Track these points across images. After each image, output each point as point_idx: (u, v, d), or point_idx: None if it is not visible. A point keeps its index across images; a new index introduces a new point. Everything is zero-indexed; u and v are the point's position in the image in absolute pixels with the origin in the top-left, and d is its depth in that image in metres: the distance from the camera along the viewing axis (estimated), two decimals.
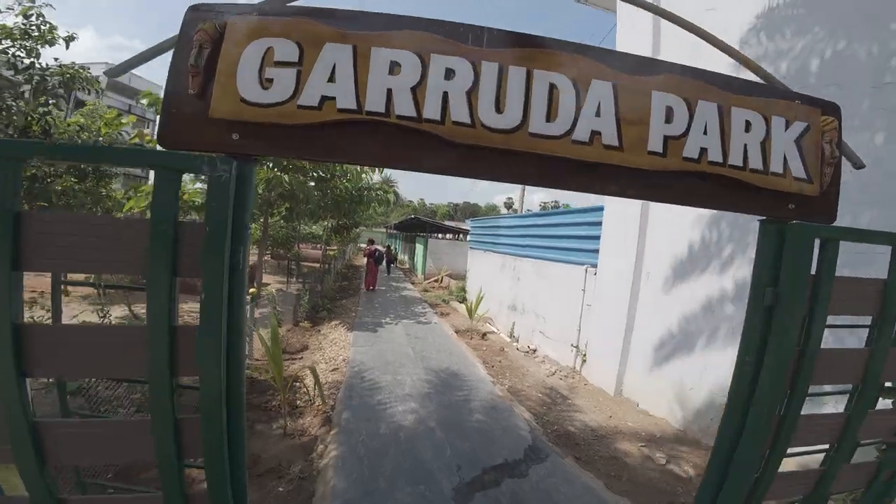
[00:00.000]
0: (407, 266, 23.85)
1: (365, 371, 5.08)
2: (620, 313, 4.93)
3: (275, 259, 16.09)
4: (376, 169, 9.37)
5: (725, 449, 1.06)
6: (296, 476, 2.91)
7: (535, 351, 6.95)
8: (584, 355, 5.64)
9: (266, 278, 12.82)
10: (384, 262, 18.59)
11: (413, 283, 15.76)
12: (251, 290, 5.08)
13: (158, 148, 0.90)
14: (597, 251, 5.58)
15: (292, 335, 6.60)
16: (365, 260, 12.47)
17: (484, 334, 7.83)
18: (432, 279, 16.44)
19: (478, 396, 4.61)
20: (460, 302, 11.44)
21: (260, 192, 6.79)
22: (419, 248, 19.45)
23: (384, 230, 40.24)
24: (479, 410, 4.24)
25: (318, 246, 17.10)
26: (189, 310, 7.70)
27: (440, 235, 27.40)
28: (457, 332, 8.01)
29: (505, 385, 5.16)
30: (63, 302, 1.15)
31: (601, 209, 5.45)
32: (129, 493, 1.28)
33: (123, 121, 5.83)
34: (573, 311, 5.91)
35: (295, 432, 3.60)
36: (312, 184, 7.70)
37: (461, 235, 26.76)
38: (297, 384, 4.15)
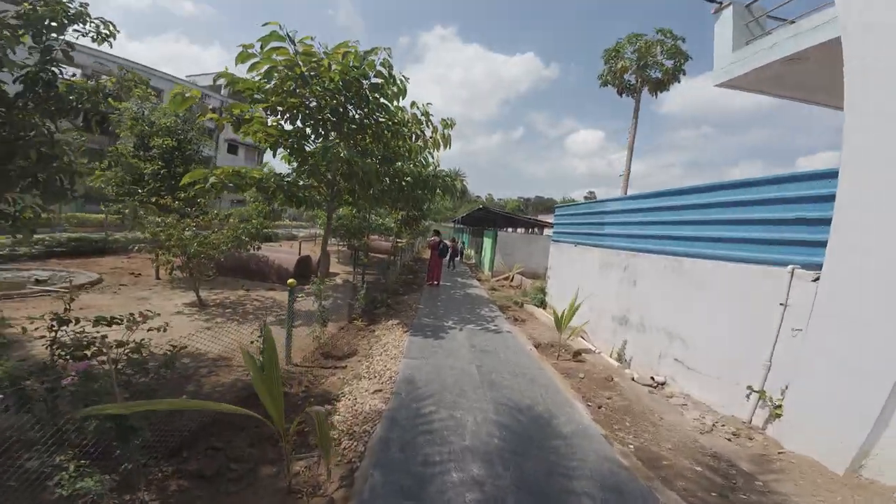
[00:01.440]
0: (473, 261, 22.41)
1: (414, 398, 3.70)
2: (886, 347, 2.61)
3: (350, 249, 16.19)
4: (443, 150, 8.03)
5: None
6: None
7: (663, 384, 4.76)
8: (777, 406, 3.37)
9: (337, 268, 12.67)
10: (448, 256, 17.52)
11: (479, 281, 14.20)
12: (289, 281, 4.07)
13: None
14: (807, 243, 3.27)
15: (343, 335, 5.62)
16: (429, 252, 11.34)
17: (577, 353, 5.85)
18: (501, 277, 14.65)
19: (586, 466, 2.84)
20: (538, 305, 9.49)
21: (322, 163, 5.99)
22: (487, 242, 17.78)
23: (452, 225, 39.56)
24: (592, 497, 2.48)
25: (390, 238, 16.76)
26: (256, 297, 7.16)
27: (510, 229, 25.33)
28: (537, 345, 6.19)
29: (629, 444, 3.26)
30: None
31: (834, 174, 3.09)
32: None
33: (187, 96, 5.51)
34: (755, 334, 3.65)
35: (303, 488, 2.37)
36: (369, 160, 6.67)
37: (536, 229, 24.29)
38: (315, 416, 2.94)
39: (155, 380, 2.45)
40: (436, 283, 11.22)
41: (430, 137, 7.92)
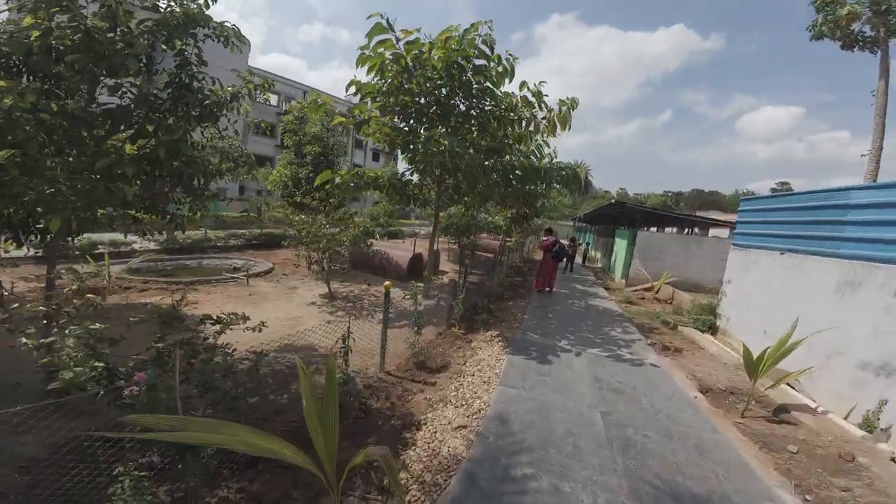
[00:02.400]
0: (598, 265, 19.20)
1: (505, 447, 2.82)
2: None
3: (461, 248, 16.33)
4: (560, 131, 6.67)
5: None
6: None
7: None
8: None
9: (447, 266, 12.82)
10: (565, 259, 15.41)
11: (608, 290, 11.76)
12: (386, 283, 3.84)
13: None
14: None
15: (440, 343, 5.19)
16: (542, 254, 9.99)
17: (781, 409, 3.72)
18: (641, 287, 11.77)
19: None
20: (702, 330, 6.94)
21: (419, 154, 5.80)
22: (620, 243, 14.76)
23: (571, 223, 35.54)
24: None
25: (499, 237, 16.07)
26: (374, 292, 7.45)
27: (654, 228, 20.57)
28: (705, 391, 4.29)
29: None
30: None
31: None
32: None
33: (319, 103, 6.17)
34: None
35: None
36: (472, 151, 6.05)
37: (696, 228, 18.98)
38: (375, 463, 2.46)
39: (235, 388, 2.31)
40: (548, 289, 9.78)
41: (544, 119, 6.68)
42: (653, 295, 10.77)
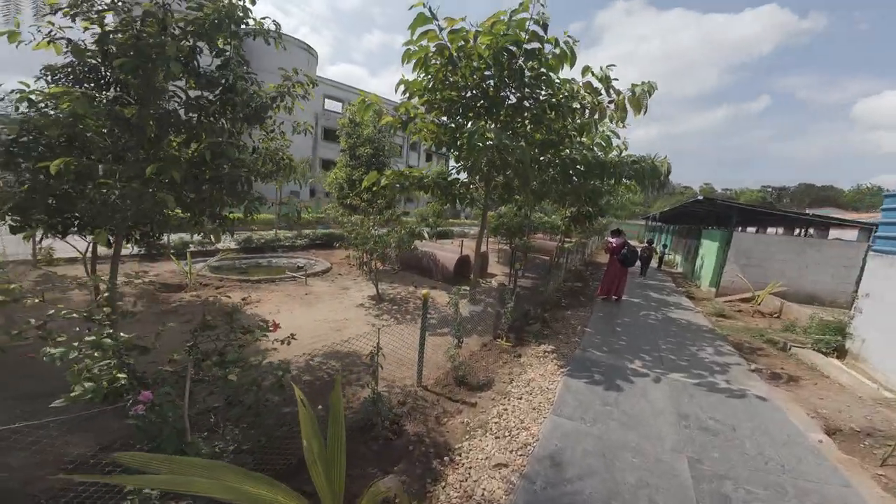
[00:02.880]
0: (678, 270, 16.71)
1: (556, 497, 2.27)
2: None
3: (512, 249, 15.56)
4: (638, 115, 5.71)
5: None
6: None
7: None
8: None
9: (496, 268, 12.22)
10: (639, 262, 13.64)
11: (692, 299, 10.03)
12: (423, 292, 3.53)
13: None
14: None
15: (484, 355, 4.73)
16: (608, 257, 8.84)
17: None
18: (737, 296, 9.83)
19: None
20: (826, 353, 5.40)
21: (464, 151, 5.43)
22: (708, 245, 12.61)
23: (643, 223, 31.82)
24: None
25: (556, 237, 14.93)
26: (420, 295, 7.32)
27: (753, 229, 17.28)
28: (832, 432, 3.20)
29: None
30: None
31: None
32: None
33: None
34: None
35: None
36: (522, 143, 5.46)
37: (810, 230, 15.52)
38: None
39: (258, 403, 2.15)
40: (615, 297, 8.61)
41: (611, 104, 5.78)
42: (753, 307, 8.87)
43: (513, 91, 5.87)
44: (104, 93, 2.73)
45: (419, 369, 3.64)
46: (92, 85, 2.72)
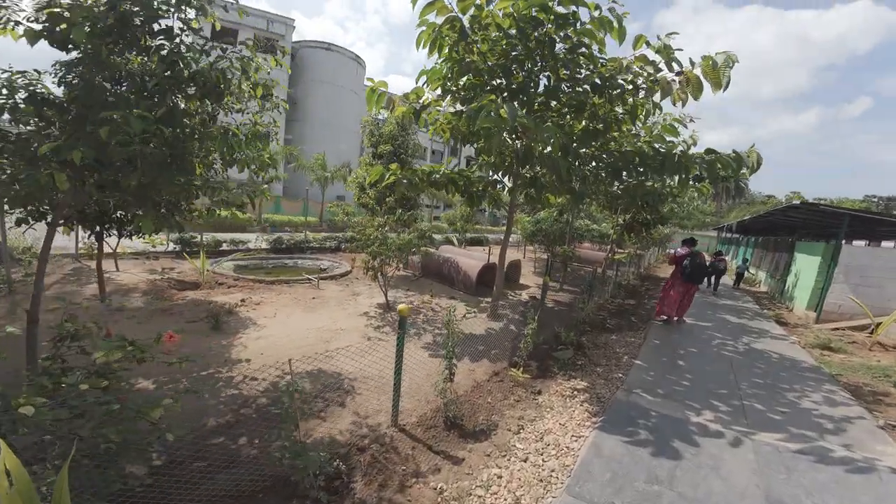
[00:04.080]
0: (762, 288, 13.84)
1: None
2: None
3: (550, 258, 14.14)
4: (719, 91, 4.33)
5: None
6: None
7: None
8: None
9: (530, 279, 10.93)
10: (709, 277, 11.44)
11: (783, 325, 7.91)
12: (400, 307, 2.72)
13: None
14: None
15: (490, 388, 3.71)
16: (671, 269, 7.24)
17: None
18: (846, 324, 7.55)
19: None
20: None
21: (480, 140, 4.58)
22: (804, 259, 10.13)
23: (713, 234, 27.63)
24: None
25: (606, 248, 13.21)
26: (435, 304, 6.47)
27: (866, 242, 13.74)
28: None
29: None
30: None
31: None
32: None
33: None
34: None
35: None
36: (549, 124, 4.43)
37: None
38: None
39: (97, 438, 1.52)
40: (677, 318, 6.99)
41: (677, 78, 4.52)
42: (872, 339, 6.61)
43: (545, 71, 4.94)
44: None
45: (395, 404, 2.84)
46: None
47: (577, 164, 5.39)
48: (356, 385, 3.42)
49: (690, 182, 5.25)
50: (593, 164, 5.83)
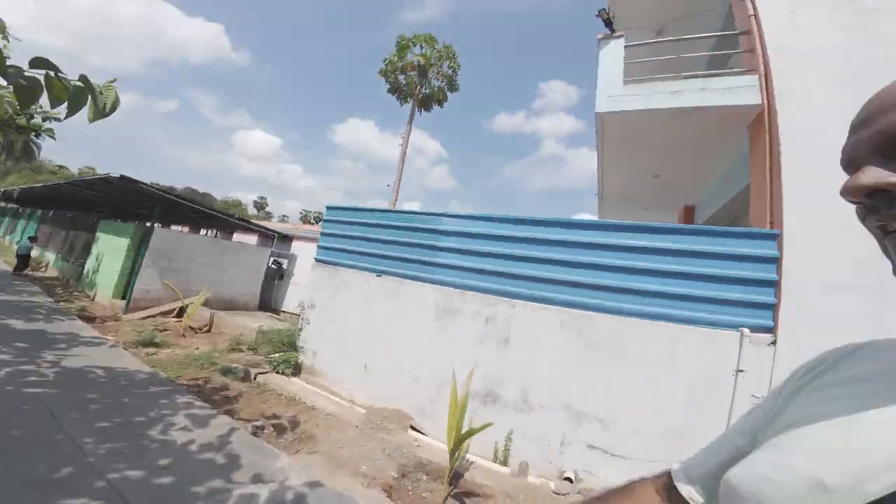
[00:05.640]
0: (50, 273, 11.07)
1: None
2: None
3: None
4: None
5: None
6: None
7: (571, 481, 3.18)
8: None
9: None
10: None
11: (90, 321, 6.51)
12: None
13: None
14: (758, 305, 3.04)
15: None
16: None
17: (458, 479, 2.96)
18: (157, 310, 7.72)
19: None
20: (285, 373, 5.12)
21: None
22: (112, 241, 9.15)
23: None
24: None
25: None
26: None
27: (159, 224, 15.23)
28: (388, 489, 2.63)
29: None
30: None
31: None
32: None
33: None
34: (705, 407, 2.91)
35: None
36: None
37: (214, 231, 16.25)
38: None
39: None
40: None
41: None
42: (184, 323, 7.15)
43: None
44: None
45: None
46: None
47: None
48: None
49: None
50: None
